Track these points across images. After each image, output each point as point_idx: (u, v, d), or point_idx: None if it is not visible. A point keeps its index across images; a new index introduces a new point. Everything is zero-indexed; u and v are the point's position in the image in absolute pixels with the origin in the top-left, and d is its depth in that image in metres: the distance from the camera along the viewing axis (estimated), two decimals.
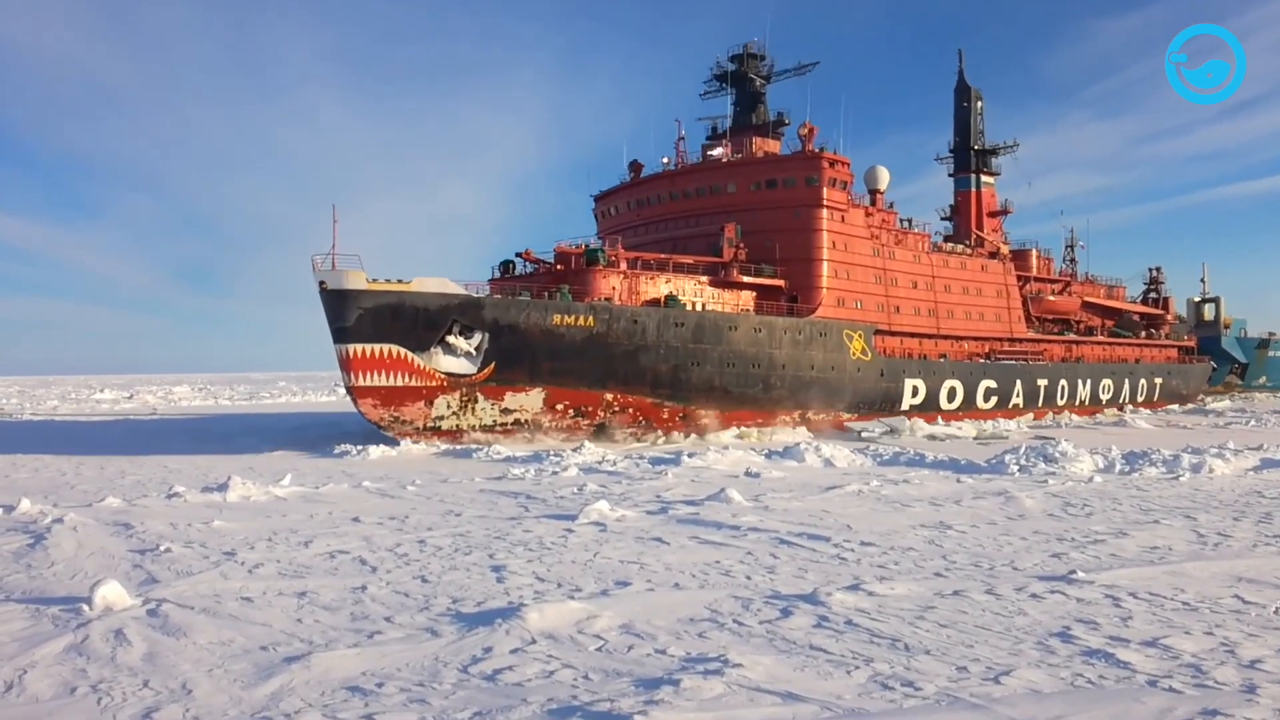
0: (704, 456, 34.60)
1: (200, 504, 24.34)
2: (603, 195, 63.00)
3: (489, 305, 42.18)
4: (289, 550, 17.61)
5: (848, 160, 55.66)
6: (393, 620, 12.43)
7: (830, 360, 52.02)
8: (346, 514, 22.37)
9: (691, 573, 15.17)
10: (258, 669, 10.37)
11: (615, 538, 18.49)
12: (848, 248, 55.63)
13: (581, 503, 22.95)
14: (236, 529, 20.10)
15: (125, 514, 22.42)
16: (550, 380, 43.56)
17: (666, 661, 10.45)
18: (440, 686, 9.73)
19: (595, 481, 28.56)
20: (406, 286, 40.36)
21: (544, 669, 10.21)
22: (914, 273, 60.61)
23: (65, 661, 10.67)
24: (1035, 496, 23.93)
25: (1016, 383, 64.68)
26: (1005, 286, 67.84)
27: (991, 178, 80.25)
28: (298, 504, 24.44)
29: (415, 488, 27.84)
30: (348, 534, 19.47)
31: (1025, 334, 68.73)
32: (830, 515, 21.25)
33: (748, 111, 60.66)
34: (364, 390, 40.70)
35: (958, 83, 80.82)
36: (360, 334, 39.83)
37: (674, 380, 46.32)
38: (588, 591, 13.91)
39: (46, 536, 18.93)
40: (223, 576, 15.22)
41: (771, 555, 16.60)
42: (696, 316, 47.25)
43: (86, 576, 15.06)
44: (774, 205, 54.62)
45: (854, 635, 11.43)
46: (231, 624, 12.26)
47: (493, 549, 17.50)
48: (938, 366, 59.58)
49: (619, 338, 44.24)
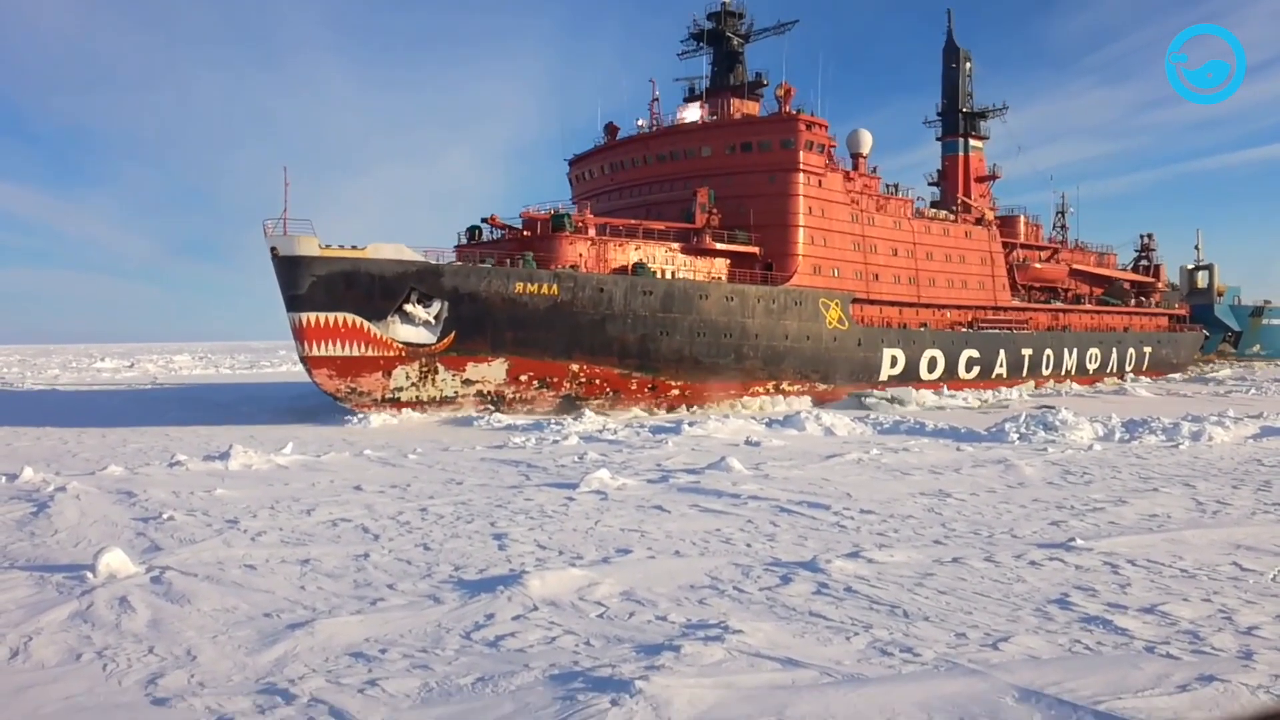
0: (704, 425, 34.68)
1: (202, 472, 24.43)
2: (577, 159, 60.93)
3: (448, 273, 40.87)
4: (291, 518, 17.70)
5: (825, 123, 53.71)
6: (395, 588, 12.51)
7: (805, 330, 50.52)
8: (348, 482, 22.45)
9: (692, 540, 15.25)
10: (261, 636, 10.44)
11: (616, 506, 18.57)
12: (825, 213, 53.76)
13: (582, 471, 23.01)
14: (239, 497, 20.19)
15: (128, 482, 22.50)
16: (513, 350, 42.41)
17: (667, 628, 10.52)
18: (443, 653, 9.80)
19: (596, 450, 28.64)
20: (361, 253, 39.24)
21: (546, 635, 10.28)
22: (894, 239, 58.81)
23: (70, 628, 10.75)
24: (1035, 464, 24.00)
25: (1000, 352, 63.18)
26: (989, 254, 65.95)
27: (980, 142, 78.20)
28: (299, 472, 24.53)
29: (416, 456, 27.93)
30: (350, 502, 19.55)
31: (1010, 302, 67.15)
32: (830, 483, 21.32)
33: (725, 72, 58.48)
34: (318, 360, 39.59)
35: (946, 43, 78.52)
36: (314, 302, 38.67)
37: (642, 350, 45.17)
38: (589, 559, 13.99)
39: (49, 505, 19.01)
40: (226, 544, 15.30)
41: (772, 523, 16.67)
42: (665, 284, 45.98)
43: (90, 544, 15.14)
44: (749, 169, 52.68)
45: (853, 602, 11.50)
46: (235, 591, 12.34)
47: (494, 517, 17.58)
48: (917, 336, 58.00)
49: (584, 306, 43.05)
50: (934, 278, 61.04)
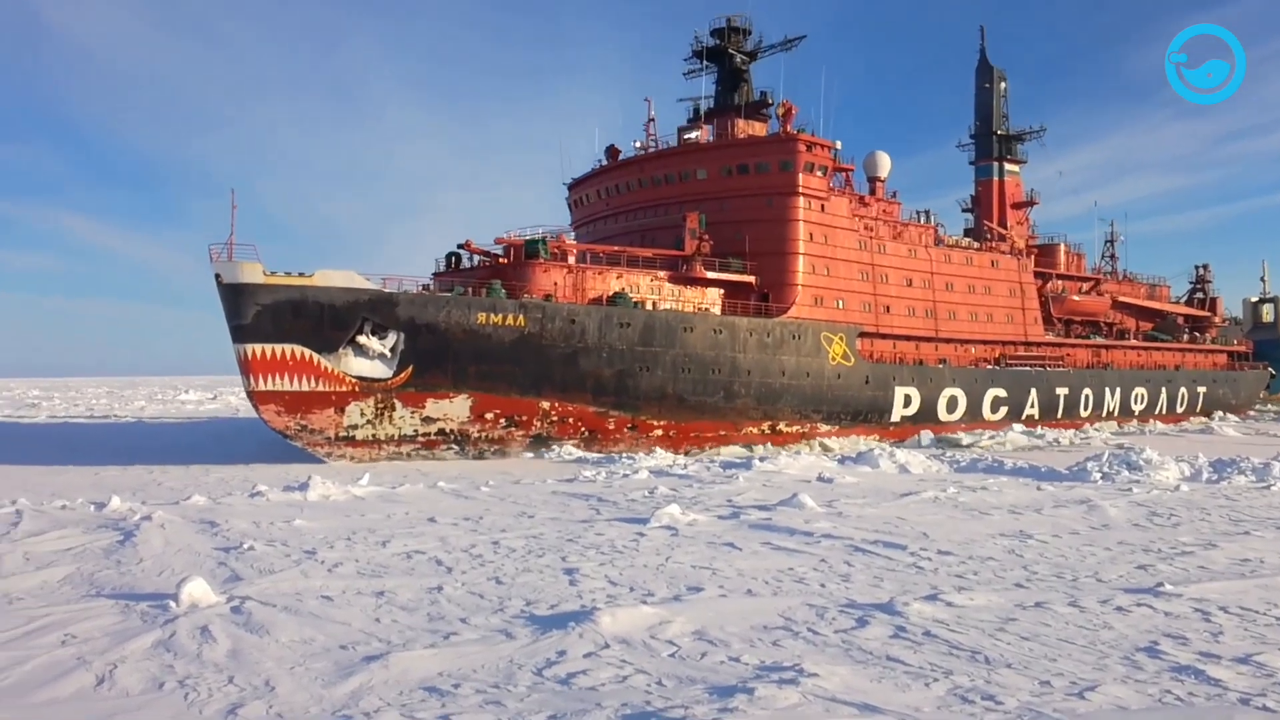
0: (775, 461, 34.45)
1: (282, 503, 24.92)
2: (575, 183, 57.89)
3: (403, 302, 38.11)
4: (367, 550, 17.92)
5: (829, 143, 50.28)
6: (468, 621, 12.56)
7: (805, 365, 46.94)
8: (423, 514, 22.70)
9: (764, 579, 15.07)
10: (338, 667, 10.56)
11: (687, 542, 18.45)
12: (828, 240, 50.08)
13: (653, 506, 22.95)
14: (317, 528, 20.53)
15: (210, 512, 23.05)
16: (477, 385, 39.55)
17: (740, 669, 10.38)
18: (515, 689, 9.79)
19: (666, 485, 28.56)
20: (308, 280, 36.62)
21: (617, 674, 10.21)
22: (909, 269, 54.92)
23: (153, 657, 10.98)
24: (1119, 505, 23.28)
25: (1031, 391, 58.74)
26: (1019, 284, 61.74)
27: (1016, 166, 74.41)
28: (376, 503, 24.88)
29: (489, 489, 28.16)
30: (424, 534, 19.75)
31: (1042, 337, 62.92)
32: (906, 522, 20.93)
33: (730, 91, 55.40)
34: (265, 395, 36.89)
35: (979, 62, 75.37)
36: (259, 333, 36.15)
37: (620, 387, 42.01)
38: (660, 596, 13.90)
39: (135, 534, 19.53)
40: (304, 575, 15.54)
41: (846, 563, 16.40)
42: (645, 315, 42.71)
43: (173, 573, 15.51)
44: (746, 193, 49.47)
45: (932, 646, 11.22)
46: (312, 622, 12.51)
47: (565, 551, 17.59)
48: (935, 373, 53.86)
49: (554, 339, 40.16)
50: (954, 310, 57.23)
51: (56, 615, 12.81)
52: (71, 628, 12.13)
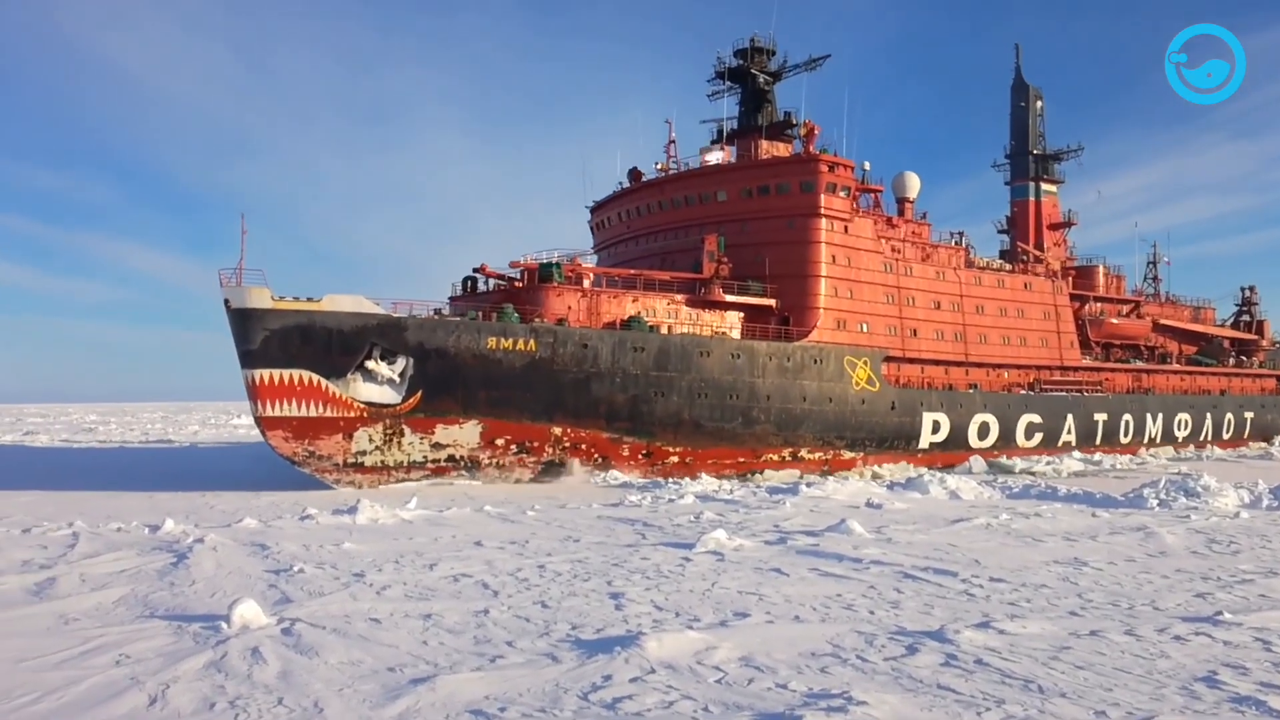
0: (823, 486, 34.19)
1: (331, 526, 25.17)
2: (597, 206, 57.03)
3: (412, 326, 37.60)
4: (415, 573, 18.03)
5: (851, 163, 49.17)
6: (514, 645, 12.57)
7: (827, 390, 45.69)
8: (469, 538, 22.80)
9: (812, 605, 14.91)
10: (386, 690, 10.61)
11: (733, 567, 18.34)
12: (851, 262, 48.86)
13: (698, 531, 22.85)
14: (365, 551, 20.69)
15: (261, 535, 23.35)
16: (487, 412, 38.91)
17: (788, 696, 10.26)
18: (561, 713, 9.77)
19: (712, 510, 28.42)
20: (317, 305, 36.22)
21: (663, 699, 10.15)
22: (937, 291, 53.23)
23: (205, 677, 11.12)
24: (1177, 532, 22.75)
25: (1067, 417, 56.86)
26: (1054, 307, 59.82)
27: (1053, 186, 72.59)
28: (423, 527, 25.04)
29: (535, 513, 28.22)
30: (471, 558, 19.82)
31: (1079, 361, 60.85)
32: (957, 549, 20.62)
33: (753, 112, 54.46)
34: (273, 421, 36.43)
35: (1014, 80, 73.38)
36: (267, 358, 35.83)
37: (634, 412, 41.19)
38: (706, 622, 13.81)
39: (188, 556, 19.83)
40: (352, 598, 15.67)
41: (895, 589, 16.19)
42: (660, 340, 41.94)
43: (225, 595, 15.71)
44: (766, 214, 48.41)
45: (984, 675, 11.02)
46: (360, 644, 12.59)
47: (611, 576, 17.55)
48: (965, 398, 52.11)
49: (566, 364, 39.51)
50: (986, 334, 55.46)
51: (111, 636, 13.03)
52: (126, 648, 12.33)
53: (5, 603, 15.43)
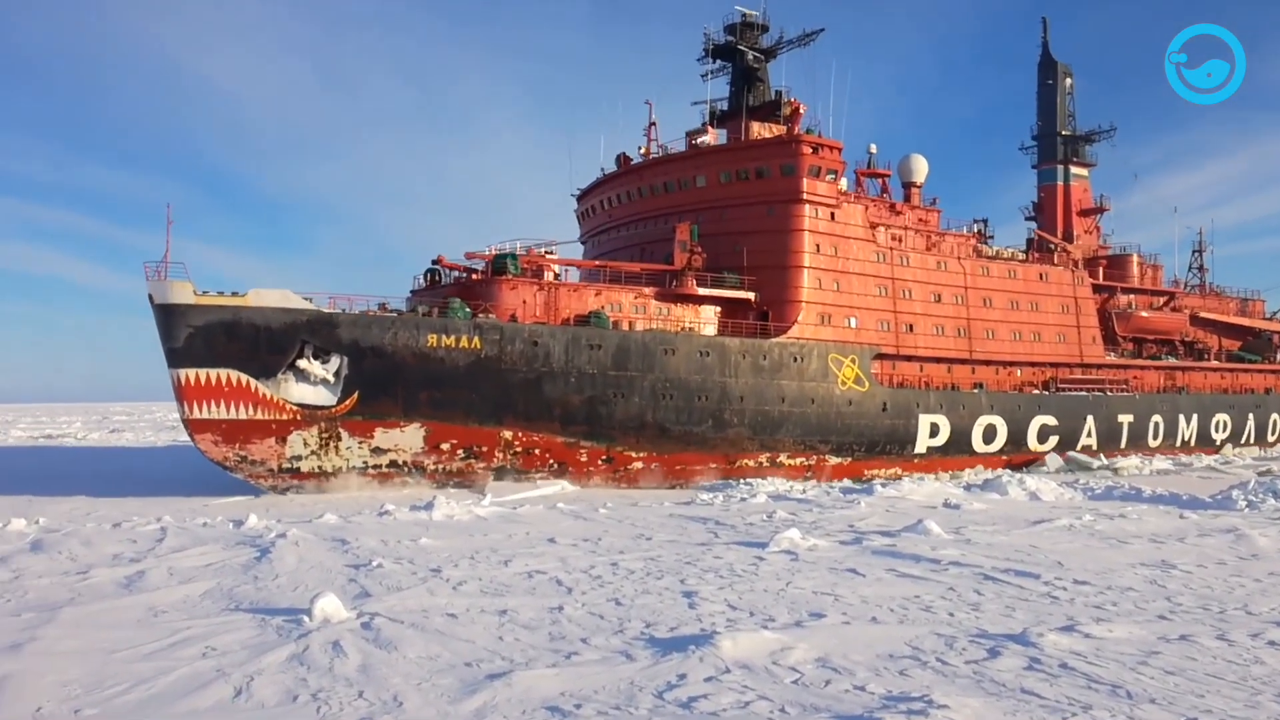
0: (899, 486, 33.75)
1: (409, 522, 25.57)
2: (582, 194, 53.34)
3: (344, 323, 35.21)
4: (490, 569, 18.20)
5: (838, 144, 45.43)
6: (589, 642, 12.60)
7: (809, 391, 42.44)
8: (543, 534, 22.95)
9: (889, 607, 14.68)
10: (463, 684, 10.71)
11: (808, 567, 18.15)
12: (838, 251, 45.11)
13: (772, 530, 22.70)
14: (441, 546, 20.97)
15: (341, 530, 23.81)
16: (430, 414, 36.42)
17: (866, 699, 10.10)
18: (636, 711, 9.75)
19: (785, 509, 28.21)
20: (242, 300, 34.11)
21: (739, 699, 10.07)
22: (937, 283, 49.20)
23: (288, 670, 11.35)
24: (1270, 535, 21.92)
25: (1086, 419, 52.71)
26: (1074, 299, 55.27)
27: (1084, 170, 67.80)
28: (497, 523, 25.29)
29: (606, 511, 28.33)
30: (544, 554, 19.95)
31: (1101, 358, 56.35)
32: (1039, 551, 20.13)
33: (744, 92, 50.52)
34: (201, 424, 34.37)
35: (1041, 57, 68.46)
36: (192, 356, 33.77)
37: (591, 415, 38.54)
38: (781, 622, 13.68)
39: (271, 550, 20.29)
40: (429, 592, 15.87)
41: (976, 591, 15.86)
42: (618, 337, 39.11)
43: (306, 589, 16.03)
44: (746, 200, 45.00)
45: (1069, 680, 10.73)
46: (438, 639, 12.74)
47: (684, 574, 17.50)
48: (968, 399, 48.25)
49: (514, 363, 36.91)
50: (993, 329, 51.32)
51: (198, 628, 13.38)
52: (212, 640, 12.65)
53: (97, 595, 15.96)
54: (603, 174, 50.63)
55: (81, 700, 10.13)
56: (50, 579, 17.31)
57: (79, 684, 10.67)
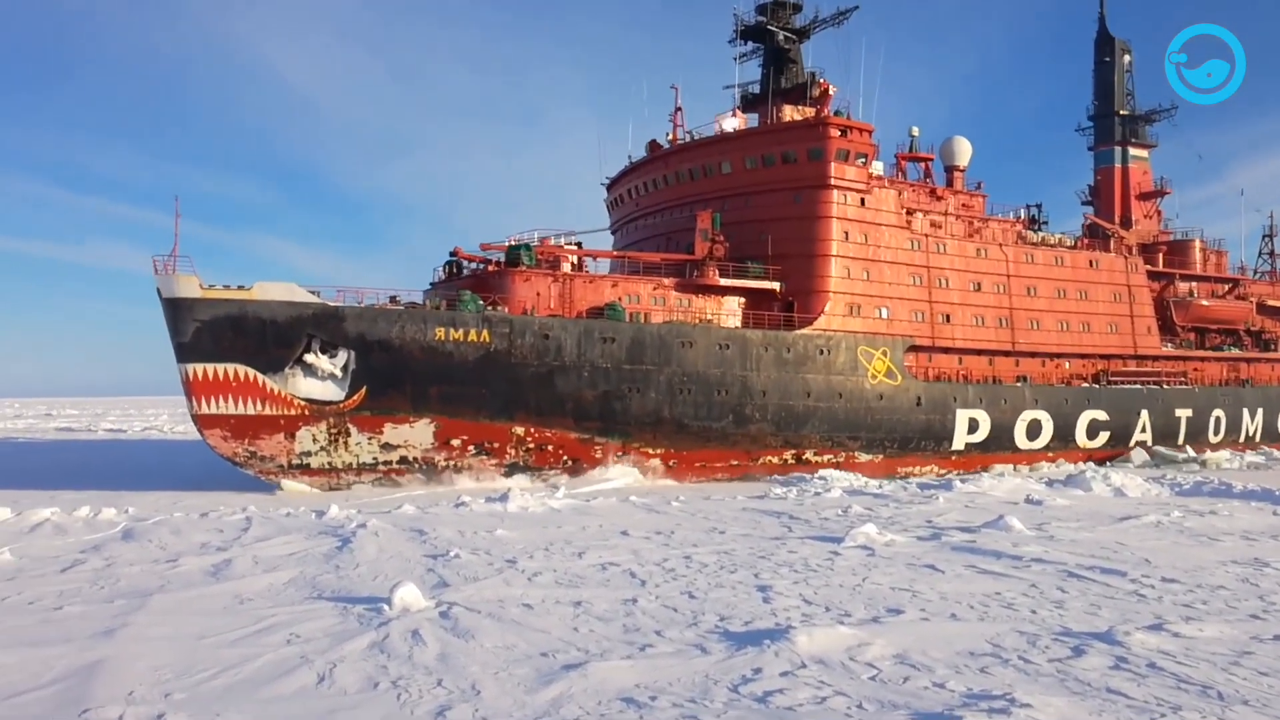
0: (978, 482, 33.20)
1: (484, 513, 25.90)
2: (612, 183, 51.73)
3: (350, 316, 34.56)
4: (564, 560, 18.32)
5: (868, 126, 43.72)
6: (663, 634, 12.60)
7: (837, 385, 40.86)
8: (615, 527, 23.03)
9: (969, 604, 14.41)
10: (539, 675, 10.79)
11: (884, 563, 17.92)
12: (868, 239, 43.40)
13: (847, 525, 22.46)
14: (516, 538, 21.18)
15: (419, 521, 24.19)
16: (440, 409, 35.56)
17: (946, 696, 9.93)
18: (711, 705, 9.72)
19: (861, 504, 27.89)
20: (247, 294, 33.61)
21: (815, 695, 9.97)
22: (977, 271, 47.01)
23: (369, 658, 11.56)
24: None
25: (1140, 413, 50.15)
26: (1127, 287, 52.67)
27: (1144, 151, 64.65)
28: (571, 516, 25.46)
29: (679, 504, 28.34)
30: (617, 546, 20.02)
31: (1157, 349, 53.66)
32: (1125, 548, 19.59)
33: (776, 74, 48.56)
34: (210, 419, 33.96)
35: (1098, 33, 65.46)
36: (200, 351, 33.41)
37: (605, 410, 37.36)
38: (858, 617, 13.52)
39: (352, 540, 20.71)
40: (505, 583, 16.04)
41: (1059, 589, 15.48)
42: (633, 329, 37.86)
43: (386, 579, 16.32)
44: (772, 187, 43.40)
45: (1158, 680, 10.41)
46: (514, 629, 12.87)
47: (758, 568, 17.42)
48: (1010, 393, 46.03)
49: (525, 356, 35.94)
50: (1038, 318, 48.97)
51: (282, 616, 13.70)
52: (295, 628, 12.94)
53: (186, 583, 16.45)
54: (630, 162, 49.42)
55: (171, 685, 10.45)
56: (141, 566, 17.90)
57: (169, 669, 11.01)
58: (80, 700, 9.86)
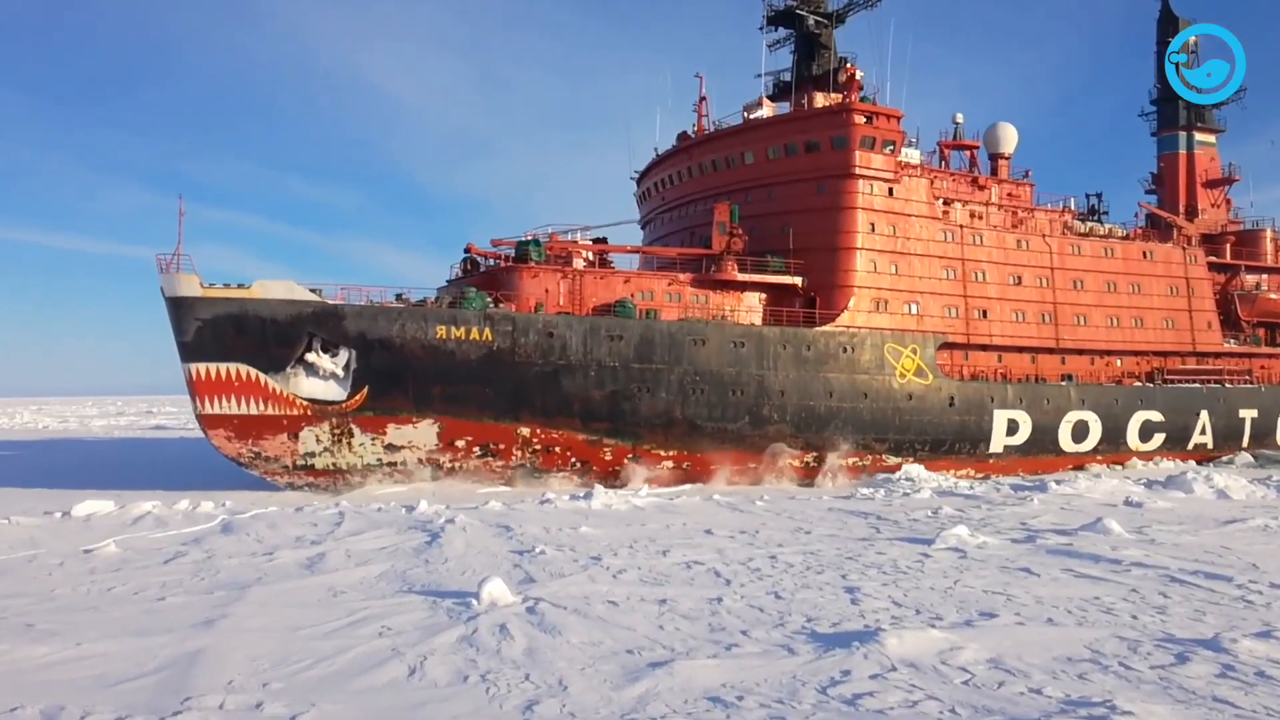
0: (1074, 484, 32.31)
1: (569, 510, 26.06)
2: (640, 176, 49.70)
3: (350, 315, 33.70)
4: (648, 558, 18.32)
5: (896, 112, 41.42)
6: (749, 634, 12.50)
7: (861, 384, 38.80)
8: (699, 526, 22.96)
9: (1066, 608, 13.99)
10: (625, 672, 10.80)
11: (976, 565, 17.52)
12: (897, 230, 41.18)
13: (937, 526, 22.05)
14: (600, 535, 21.26)
15: (505, 517, 24.47)
16: (443, 409, 34.45)
17: (1043, 702, 9.65)
18: (800, 706, 9.61)
19: (951, 505, 27.36)
20: (247, 292, 33.04)
21: (906, 698, 9.78)
22: (1016, 264, 44.43)
23: (458, 651, 11.71)
24: None
25: (1200, 414, 47.15)
26: (1185, 280, 49.51)
27: (1210, 136, 60.58)
28: (654, 514, 25.47)
29: (763, 503, 28.15)
30: (701, 545, 19.95)
31: (1219, 346, 50.25)
32: (1231, 552, 18.83)
33: (807, 60, 46.23)
34: (213, 419, 33.40)
35: (1161, 12, 60.87)
36: (203, 351, 32.90)
37: (614, 411, 35.87)
38: (949, 620, 13.23)
39: (440, 535, 21.04)
40: (590, 580, 16.10)
41: (1161, 594, 14.94)
42: (641, 326, 36.22)
43: (474, 574, 16.53)
44: (795, 177, 41.31)
45: (1267, 689, 9.97)
46: (600, 626, 12.90)
47: (845, 569, 17.18)
48: (1054, 392, 43.53)
49: (528, 355, 34.70)
50: (1085, 313, 46.07)
51: (374, 608, 13.98)
52: (387, 620, 13.19)
53: (282, 575, 16.90)
54: (656, 155, 47.66)
55: (268, 675, 10.73)
56: (239, 559, 18.44)
57: (266, 659, 11.31)
58: (182, 689, 10.18)
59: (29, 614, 13.77)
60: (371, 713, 9.53)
